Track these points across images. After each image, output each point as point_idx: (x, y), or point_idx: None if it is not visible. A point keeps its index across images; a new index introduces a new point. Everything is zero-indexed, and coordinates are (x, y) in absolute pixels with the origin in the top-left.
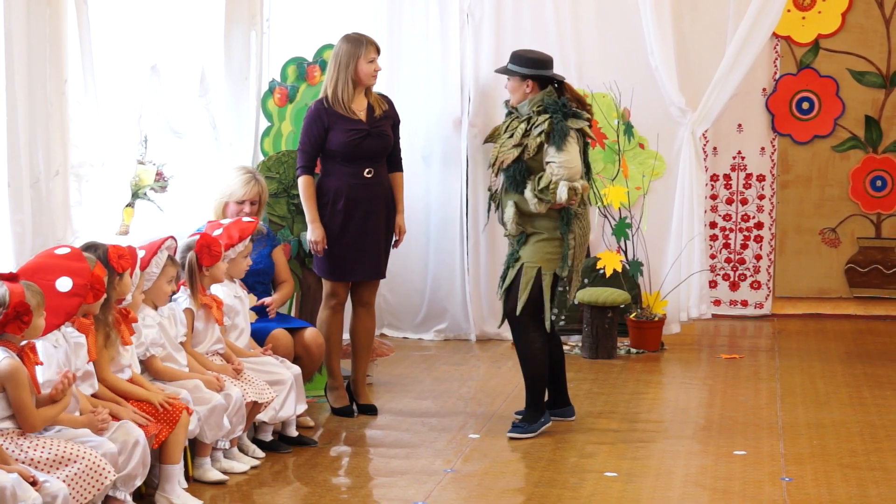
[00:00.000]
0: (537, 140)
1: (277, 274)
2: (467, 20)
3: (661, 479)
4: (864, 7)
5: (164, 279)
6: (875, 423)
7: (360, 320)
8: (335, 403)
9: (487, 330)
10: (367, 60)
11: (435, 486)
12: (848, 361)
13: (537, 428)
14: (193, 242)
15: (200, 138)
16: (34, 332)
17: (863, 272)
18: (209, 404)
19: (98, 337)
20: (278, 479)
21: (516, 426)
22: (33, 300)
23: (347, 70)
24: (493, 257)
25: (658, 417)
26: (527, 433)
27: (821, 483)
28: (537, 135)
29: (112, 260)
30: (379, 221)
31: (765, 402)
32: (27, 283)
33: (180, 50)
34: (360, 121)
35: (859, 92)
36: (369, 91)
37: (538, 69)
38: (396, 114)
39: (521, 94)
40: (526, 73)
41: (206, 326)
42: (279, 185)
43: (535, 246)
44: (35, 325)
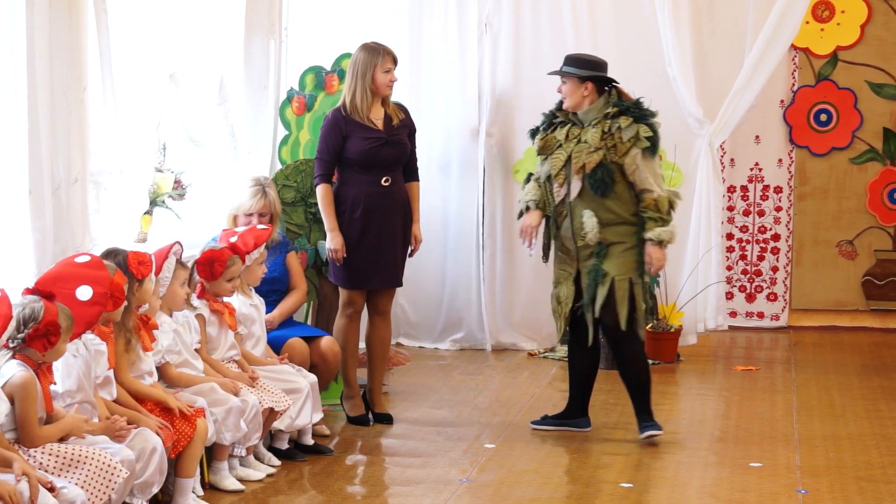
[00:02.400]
0: (627, 145)
1: (291, 280)
2: (486, 30)
3: (677, 490)
4: (883, 19)
5: (177, 283)
6: (891, 436)
7: (377, 329)
8: (351, 412)
9: (503, 340)
10: (384, 70)
11: (450, 495)
12: (864, 374)
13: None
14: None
15: (219, 146)
16: (55, 355)
17: (880, 285)
18: (226, 405)
19: (118, 342)
20: (294, 487)
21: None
22: (64, 323)
23: (364, 79)
24: (509, 267)
25: (674, 429)
26: (657, 429)
27: (837, 496)
28: (628, 139)
29: (132, 266)
30: (395, 230)
31: (781, 414)
32: (62, 306)
33: (199, 58)
34: (377, 129)
35: (878, 104)
36: (387, 100)
37: (597, 71)
38: (412, 123)
39: (578, 98)
40: (585, 74)
41: (220, 333)
42: (297, 193)
43: (622, 257)
44: (58, 348)
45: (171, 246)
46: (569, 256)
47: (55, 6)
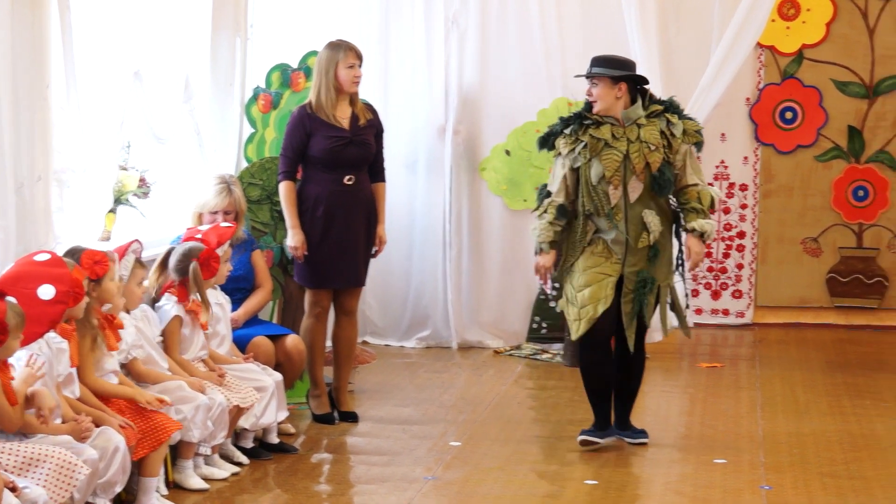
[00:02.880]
0: (678, 140)
1: (256, 278)
2: (452, 27)
3: (642, 486)
4: (848, 17)
5: (134, 282)
6: (855, 433)
7: (343, 328)
8: (317, 410)
9: (469, 337)
10: (347, 66)
11: (416, 493)
12: (828, 371)
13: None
14: (197, 251)
15: (184, 144)
16: (6, 352)
17: (844, 282)
18: (194, 403)
19: (84, 341)
20: (259, 486)
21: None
22: (13, 321)
23: (328, 76)
24: (475, 265)
25: (639, 425)
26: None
27: (800, 492)
28: (681, 135)
29: (86, 266)
30: (358, 229)
31: (745, 411)
32: (12, 304)
33: (164, 56)
34: (342, 128)
35: (842, 102)
36: (355, 99)
37: (628, 71)
38: (380, 123)
39: (611, 100)
40: (619, 75)
41: (193, 333)
42: (262, 191)
43: (666, 262)
44: (9, 345)
45: (129, 244)
46: (610, 260)
47: (18, 3)
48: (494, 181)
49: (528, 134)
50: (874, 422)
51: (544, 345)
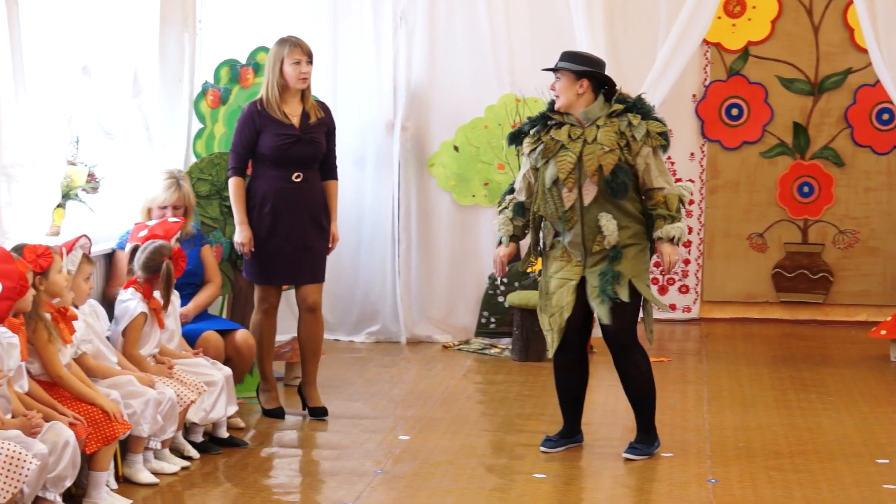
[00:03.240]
0: (638, 143)
1: (205, 273)
2: (401, 24)
3: (590, 480)
4: (793, 15)
5: (81, 277)
6: (800, 426)
7: (306, 325)
8: (266, 405)
9: (418, 332)
10: (292, 62)
11: (365, 486)
12: (774, 365)
13: (654, 450)
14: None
15: (133, 139)
16: None
17: (789, 277)
18: (143, 398)
19: (40, 334)
20: (209, 480)
21: (634, 447)
22: None
23: (274, 72)
24: (424, 261)
25: (587, 419)
26: (644, 455)
27: (746, 485)
28: (641, 137)
29: (29, 259)
30: (307, 227)
31: (692, 405)
32: None
33: (113, 50)
34: (291, 126)
35: (788, 99)
36: (306, 96)
37: (593, 67)
38: (332, 121)
39: (572, 96)
40: (581, 70)
41: (152, 330)
42: (211, 187)
43: (636, 259)
44: None
45: (76, 239)
46: (571, 264)
47: None
48: (443, 177)
49: (476, 130)
50: (819, 415)
51: (493, 339)
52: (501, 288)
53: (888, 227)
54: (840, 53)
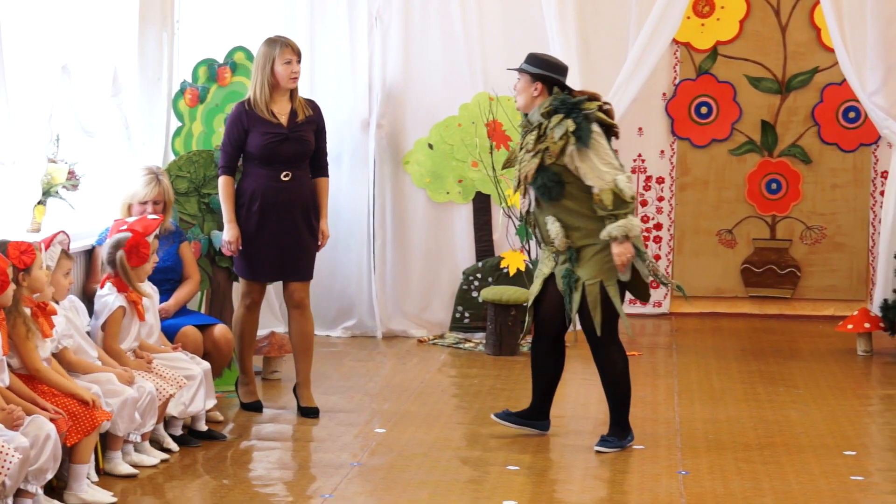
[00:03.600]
0: (559, 143)
1: (184, 270)
2: (376, 23)
3: (562, 472)
4: (761, 15)
5: (61, 273)
6: (768, 419)
7: (296, 322)
8: (245, 399)
9: (393, 327)
10: (283, 62)
11: (342, 479)
12: (743, 359)
13: (626, 444)
14: (123, 240)
15: (112, 138)
16: None
17: (758, 272)
18: (121, 397)
19: (19, 329)
20: (188, 472)
21: (606, 440)
22: None
23: (264, 72)
24: (399, 256)
25: (559, 412)
26: (616, 448)
27: (716, 477)
28: (559, 137)
29: (13, 256)
30: (296, 224)
31: (662, 398)
32: None
33: (92, 50)
34: (279, 124)
35: (756, 97)
36: (295, 95)
37: (549, 71)
38: (322, 119)
39: (528, 96)
40: (535, 72)
41: (131, 323)
42: (190, 184)
43: (592, 260)
44: None
45: (54, 235)
46: (549, 258)
47: None
48: (418, 174)
49: (450, 128)
50: (787, 408)
51: (467, 334)
52: (476, 284)
53: (854, 224)
54: (807, 53)
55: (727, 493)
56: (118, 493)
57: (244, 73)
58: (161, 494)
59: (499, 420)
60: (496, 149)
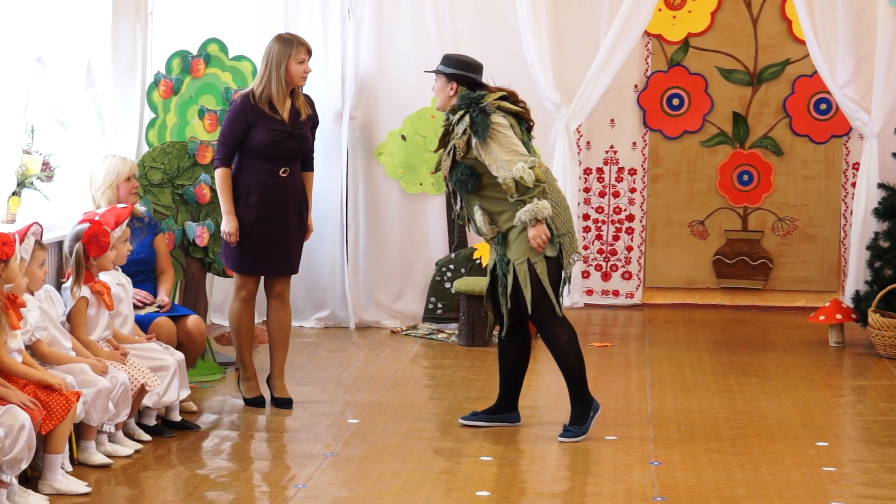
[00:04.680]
0: (463, 139)
1: (158, 263)
2: (349, 16)
3: (535, 463)
4: (732, 7)
5: (36, 264)
6: (741, 410)
7: (274, 312)
8: (247, 394)
9: (366, 318)
10: (298, 61)
11: (315, 469)
12: (715, 350)
13: (588, 427)
14: (82, 232)
15: (86, 129)
16: None
17: (730, 263)
18: (95, 387)
19: None
20: (161, 462)
21: (567, 430)
22: None
23: (279, 70)
24: (372, 247)
25: (532, 403)
26: (579, 435)
27: (689, 467)
28: (461, 133)
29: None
30: (291, 219)
31: (635, 389)
32: None
33: (66, 42)
34: (282, 121)
35: (727, 89)
36: (297, 93)
37: (463, 70)
38: (317, 117)
39: (444, 97)
40: (450, 72)
41: (98, 313)
42: (164, 175)
43: (517, 241)
44: None
45: (29, 226)
46: (491, 250)
47: None
48: (391, 165)
49: (423, 119)
50: (759, 399)
51: (440, 325)
52: (449, 275)
53: (826, 215)
54: (778, 45)
55: (699, 484)
56: (92, 482)
57: (218, 65)
58: (135, 484)
59: (468, 423)
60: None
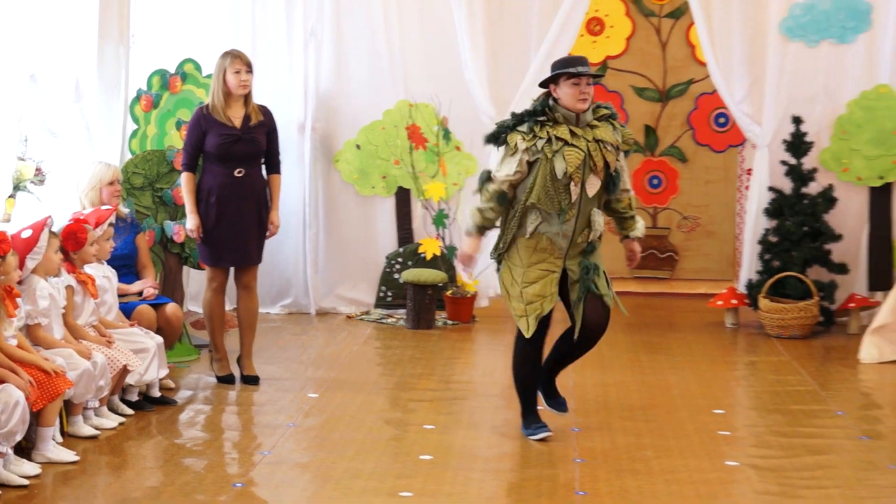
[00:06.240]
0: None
1: (140, 258)
2: (311, 39)
3: (472, 430)
4: (645, 34)
5: (52, 250)
6: (651, 383)
7: (243, 301)
8: (219, 372)
9: (325, 305)
10: (233, 71)
11: (279, 438)
12: (628, 331)
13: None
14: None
15: (75, 138)
16: None
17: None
18: (79, 370)
19: None
20: (143, 433)
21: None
22: None
23: (219, 80)
24: (329, 243)
25: (469, 379)
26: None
27: (605, 433)
28: (623, 140)
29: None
30: (250, 215)
31: None
32: None
33: (57, 61)
34: (234, 127)
35: (640, 105)
36: (248, 101)
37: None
38: (273, 123)
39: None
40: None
41: (84, 301)
42: (145, 179)
43: (599, 250)
44: None
45: (45, 219)
46: (553, 255)
47: None
48: (347, 171)
49: (375, 130)
50: (667, 374)
51: (390, 311)
52: (397, 267)
53: (724, 215)
54: (684, 67)
55: (614, 447)
56: (80, 452)
57: (193, 82)
58: (119, 453)
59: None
60: (415, 149)
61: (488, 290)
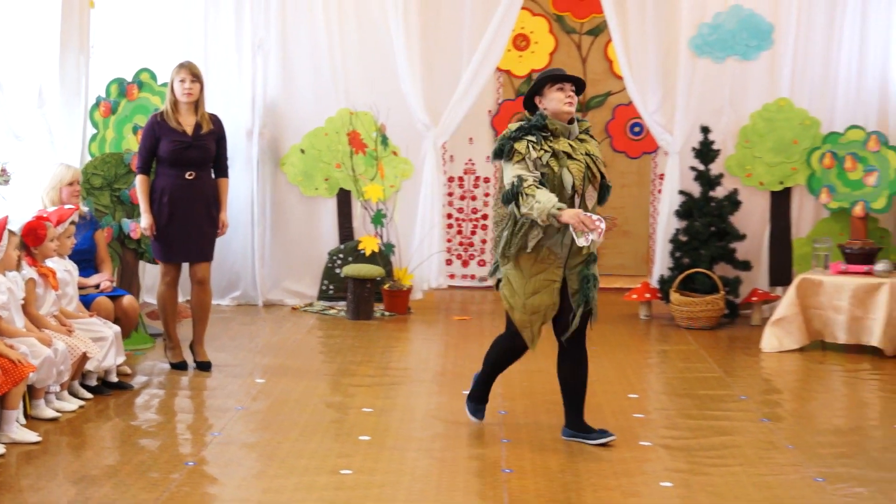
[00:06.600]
0: None
1: (98, 253)
2: (258, 51)
3: (407, 413)
4: (566, 49)
5: (11, 247)
6: None
7: (196, 294)
8: (173, 360)
9: (271, 297)
10: (178, 80)
11: (229, 420)
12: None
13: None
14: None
15: (38, 142)
16: None
17: None
18: (41, 357)
19: None
20: (101, 416)
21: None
22: None
23: (169, 89)
24: (276, 240)
25: (405, 366)
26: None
27: (529, 416)
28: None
29: None
30: (200, 215)
31: None
32: None
33: (21, 69)
34: (185, 133)
35: None
36: (199, 110)
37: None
38: (222, 130)
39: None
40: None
41: (45, 292)
42: (104, 180)
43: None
44: None
45: (4, 218)
46: (553, 265)
47: None
48: (292, 174)
49: (318, 136)
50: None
51: (332, 303)
52: (339, 262)
53: (638, 216)
54: (602, 80)
55: (537, 428)
56: (43, 433)
57: (149, 90)
58: (79, 434)
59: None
60: (355, 154)
61: (423, 284)
